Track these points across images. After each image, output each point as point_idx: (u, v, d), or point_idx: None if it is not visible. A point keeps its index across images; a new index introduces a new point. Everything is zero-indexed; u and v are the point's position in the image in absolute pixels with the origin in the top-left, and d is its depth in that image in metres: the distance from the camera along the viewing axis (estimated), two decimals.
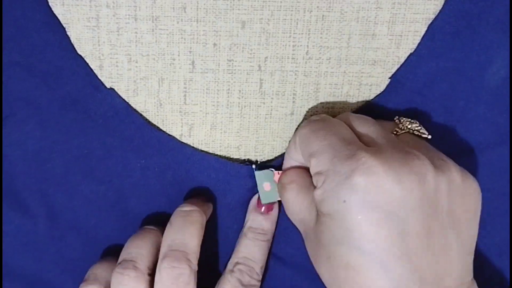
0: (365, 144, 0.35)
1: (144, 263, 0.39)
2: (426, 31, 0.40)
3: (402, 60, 0.40)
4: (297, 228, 0.39)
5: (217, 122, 0.42)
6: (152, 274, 0.39)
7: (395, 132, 0.38)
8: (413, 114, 0.41)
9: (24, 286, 0.43)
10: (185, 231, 0.39)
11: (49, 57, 0.40)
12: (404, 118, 0.39)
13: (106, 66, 0.40)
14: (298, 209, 0.38)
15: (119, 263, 0.39)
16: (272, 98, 0.41)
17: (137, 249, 0.39)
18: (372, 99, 0.41)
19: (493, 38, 0.40)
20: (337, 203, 0.33)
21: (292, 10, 0.39)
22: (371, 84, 0.41)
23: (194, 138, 0.42)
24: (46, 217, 0.42)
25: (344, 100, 0.41)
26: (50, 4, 0.39)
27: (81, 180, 0.42)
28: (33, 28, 0.39)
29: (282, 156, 0.42)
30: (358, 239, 0.33)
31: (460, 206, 0.34)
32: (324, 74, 0.41)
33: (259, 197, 0.41)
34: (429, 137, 0.38)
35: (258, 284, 0.41)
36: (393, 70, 0.41)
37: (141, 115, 0.41)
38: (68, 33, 0.39)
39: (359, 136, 0.36)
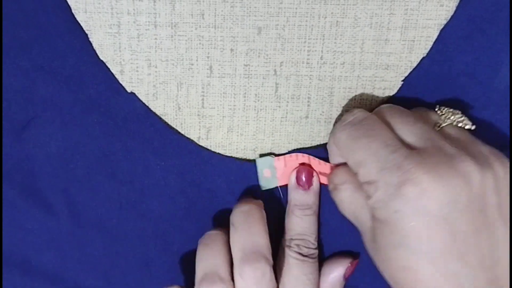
0: (408, 146, 0.36)
1: (226, 272, 0.39)
2: (438, 35, 0.40)
3: (415, 65, 0.41)
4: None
5: (234, 125, 0.42)
6: (233, 278, 0.39)
7: (438, 126, 0.38)
8: None
9: (45, 283, 0.44)
10: (252, 230, 0.39)
11: (72, 62, 0.41)
12: (445, 108, 0.39)
13: (126, 71, 0.41)
14: (353, 208, 0.39)
15: (203, 278, 0.39)
16: (287, 102, 0.42)
17: (214, 259, 0.39)
18: (384, 102, 0.42)
19: (503, 42, 0.40)
20: (390, 212, 0.34)
21: (307, 16, 0.40)
22: (384, 88, 0.42)
23: (211, 141, 0.43)
24: (68, 215, 0.43)
25: (358, 103, 0.42)
26: (73, 11, 0.40)
27: (102, 180, 0.43)
28: (57, 34, 0.40)
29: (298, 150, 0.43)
30: (412, 242, 0.34)
31: (505, 198, 0.35)
32: (338, 78, 0.41)
33: (297, 174, 0.42)
34: (473, 127, 0.38)
35: (316, 252, 0.42)
36: (406, 74, 0.41)
37: (160, 118, 0.42)
38: (90, 39, 0.40)
39: (401, 137, 0.37)
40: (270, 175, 0.42)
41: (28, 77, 0.41)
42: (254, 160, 0.43)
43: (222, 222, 0.43)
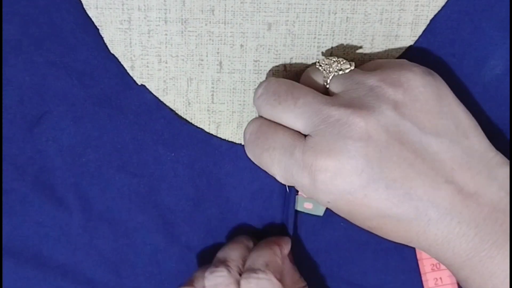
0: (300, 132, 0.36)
1: (234, 263, 0.40)
2: (428, 25, 0.40)
3: None
4: None
5: (243, 120, 0.43)
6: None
7: (326, 83, 0.38)
8: None
9: (56, 276, 0.44)
10: (227, 246, 0.42)
11: (83, 57, 0.41)
12: (323, 61, 0.38)
13: (137, 67, 0.41)
14: None
15: (213, 264, 0.41)
16: None
17: (229, 251, 0.41)
18: None
19: (492, 35, 0.40)
20: (326, 204, 0.36)
21: (317, 12, 0.40)
22: None
23: (220, 136, 0.43)
24: (80, 209, 0.43)
25: None
26: (84, 7, 0.40)
27: (114, 173, 0.43)
28: (68, 30, 0.40)
29: None
30: (358, 214, 0.36)
31: (422, 111, 0.35)
32: None
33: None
34: (353, 67, 0.38)
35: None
36: None
37: (171, 110, 0.42)
38: (102, 34, 0.41)
39: (290, 126, 0.37)
40: (312, 205, 0.43)
41: (40, 72, 0.41)
42: None
43: (231, 214, 0.44)
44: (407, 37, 0.40)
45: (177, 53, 0.41)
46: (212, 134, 0.43)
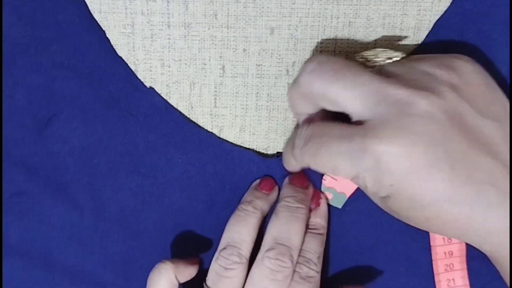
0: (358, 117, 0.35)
1: (247, 250, 0.40)
2: (432, 28, 0.40)
3: None
4: None
5: (246, 124, 0.43)
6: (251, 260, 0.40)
7: (373, 67, 0.37)
8: None
9: (67, 277, 0.44)
10: (291, 226, 0.40)
11: (91, 58, 0.41)
12: (365, 53, 0.38)
13: (140, 71, 0.42)
14: None
15: (224, 248, 0.40)
16: None
17: (240, 234, 0.40)
18: None
19: (496, 38, 0.40)
20: (388, 189, 0.34)
21: (319, 17, 0.40)
22: None
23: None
24: (92, 210, 0.44)
25: None
26: (90, 10, 0.40)
27: (126, 175, 0.43)
28: (75, 32, 0.41)
29: None
30: (419, 199, 0.34)
31: (475, 95, 0.35)
32: None
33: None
34: (404, 55, 0.37)
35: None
36: None
37: (180, 113, 0.42)
38: (108, 36, 0.41)
39: (346, 112, 0.36)
40: (332, 196, 0.42)
41: (48, 74, 0.42)
42: (274, 155, 0.43)
43: None
44: (410, 42, 0.40)
45: (180, 57, 0.41)
46: (222, 139, 0.43)
